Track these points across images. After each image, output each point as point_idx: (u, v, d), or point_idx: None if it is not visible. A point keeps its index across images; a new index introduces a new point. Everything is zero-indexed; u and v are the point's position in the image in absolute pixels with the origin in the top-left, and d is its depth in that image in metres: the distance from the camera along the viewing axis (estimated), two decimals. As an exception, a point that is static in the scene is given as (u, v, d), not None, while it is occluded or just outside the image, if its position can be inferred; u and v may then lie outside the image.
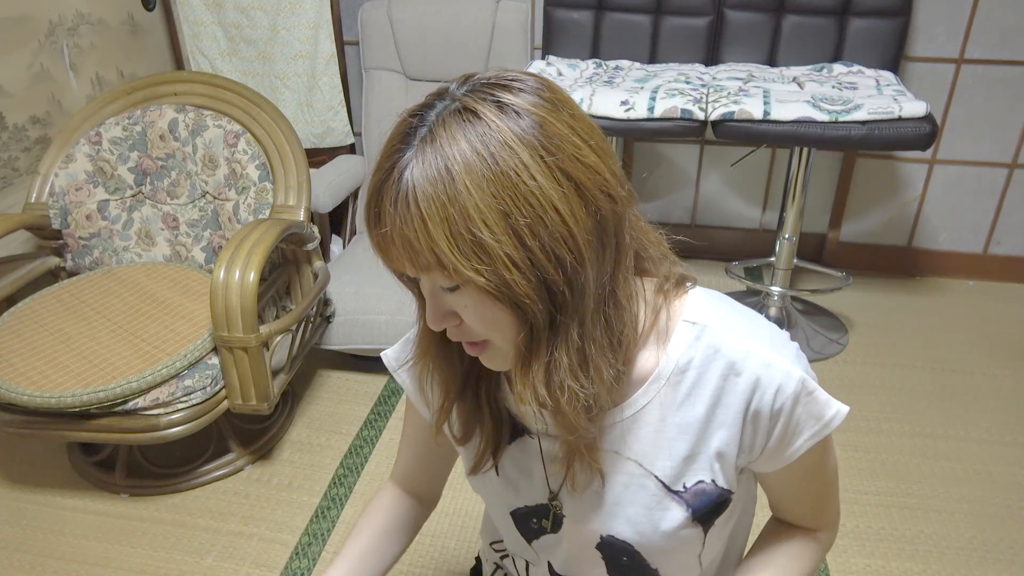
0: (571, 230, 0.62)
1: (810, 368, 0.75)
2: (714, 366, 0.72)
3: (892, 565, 1.62)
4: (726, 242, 2.82)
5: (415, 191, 0.60)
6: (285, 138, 2.00)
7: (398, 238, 0.62)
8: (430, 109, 0.63)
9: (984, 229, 2.62)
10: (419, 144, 0.61)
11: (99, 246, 2.05)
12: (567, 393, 0.67)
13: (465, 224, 0.59)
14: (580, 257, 0.63)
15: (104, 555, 1.67)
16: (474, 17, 2.42)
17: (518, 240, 0.60)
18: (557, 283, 0.63)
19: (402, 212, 0.61)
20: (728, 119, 1.92)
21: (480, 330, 0.67)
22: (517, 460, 0.83)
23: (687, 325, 0.74)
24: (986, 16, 2.31)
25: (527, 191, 0.60)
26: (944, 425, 2.00)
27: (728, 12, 2.34)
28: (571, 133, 0.63)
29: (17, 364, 1.67)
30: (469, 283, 0.62)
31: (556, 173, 0.61)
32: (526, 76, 0.65)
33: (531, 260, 0.61)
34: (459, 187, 0.59)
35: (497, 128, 0.60)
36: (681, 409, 0.74)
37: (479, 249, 0.60)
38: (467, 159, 0.59)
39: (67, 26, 2.21)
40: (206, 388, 1.69)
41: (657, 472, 0.76)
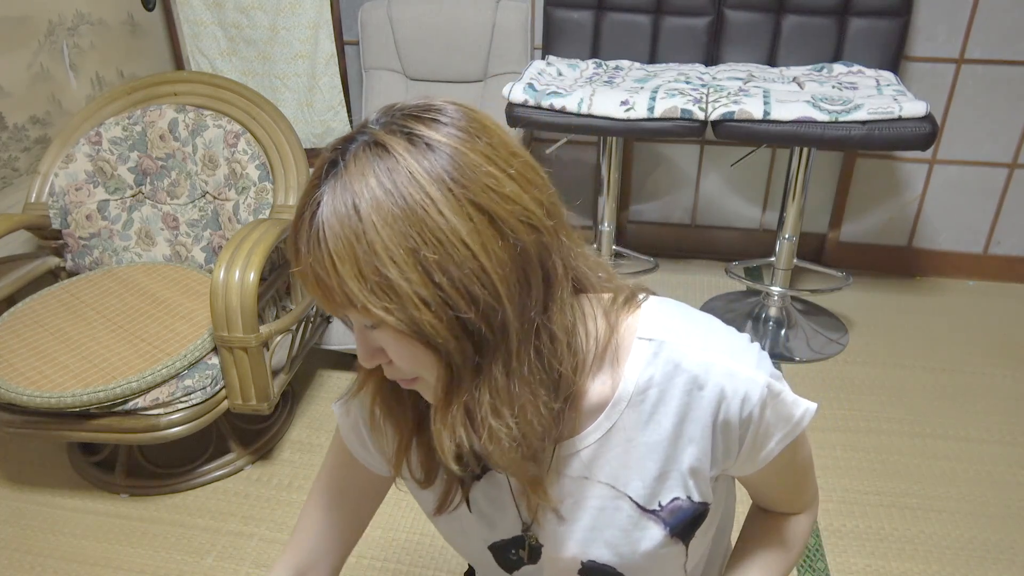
0: (483, 265, 0.59)
1: (773, 367, 0.74)
2: (676, 382, 0.71)
3: (892, 565, 1.62)
4: (726, 242, 2.82)
5: (324, 229, 0.59)
6: (285, 138, 2.00)
7: (312, 276, 0.61)
8: (350, 143, 0.61)
9: (984, 229, 2.62)
10: (332, 180, 0.60)
11: (99, 246, 2.05)
12: (488, 433, 0.65)
13: (372, 262, 0.58)
14: (495, 293, 0.60)
15: (104, 555, 1.67)
16: (474, 17, 2.42)
17: (428, 277, 0.58)
18: (472, 321, 0.60)
19: (314, 250, 0.60)
20: (728, 119, 1.92)
21: (405, 368, 0.66)
22: (488, 494, 0.81)
23: (643, 343, 0.71)
24: (986, 16, 2.31)
25: (435, 226, 0.58)
26: (944, 425, 2.00)
27: (728, 12, 2.34)
28: (486, 163, 0.61)
29: (17, 364, 1.67)
30: (382, 322, 0.60)
31: (466, 206, 0.59)
32: (447, 106, 0.63)
33: (442, 298, 0.59)
34: (366, 224, 0.58)
35: (405, 162, 0.59)
36: (647, 429, 0.72)
37: (388, 288, 0.58)
38: (374, 195, 0.58)
39: (67, 26, 2.21)
40: (206, 388, 1.69)
41: (631, 493, 0.75)
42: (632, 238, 2.86)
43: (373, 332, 0.64)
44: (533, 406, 0.65)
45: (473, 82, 2.51)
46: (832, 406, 2.08)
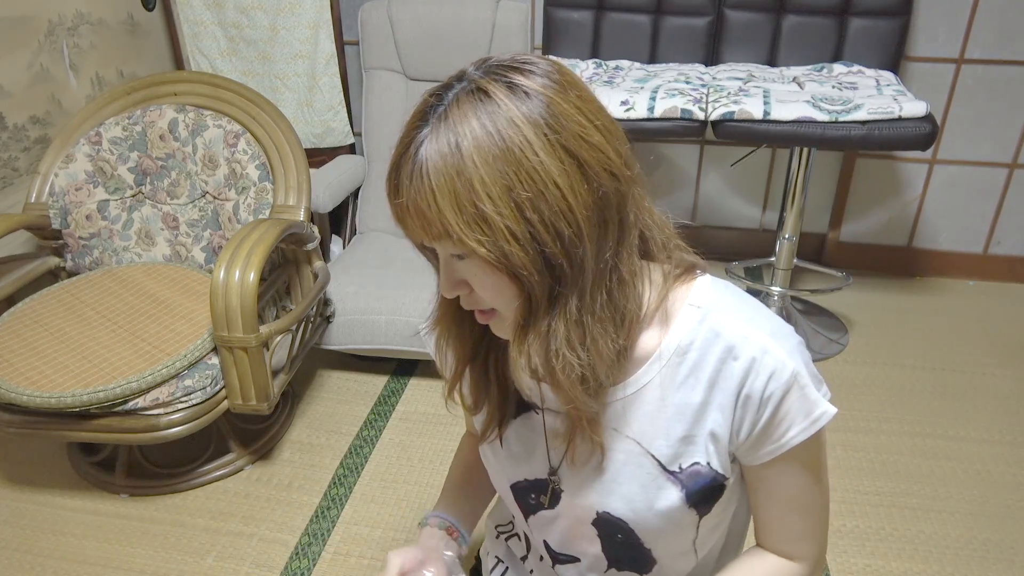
0: (570, 204, 0.65)
1: (811, 365, 0.75)
2: (714, 349, 0.74)
3: (892, 565, 1.62)
4: (726, 242, 2.82)
5: (427, 164, 0.64)
6: (285, 138, 2.00)
7: (412, 209, 0.66)
8: (448, 90, 0.67)
9: (984, 229, 2.62)
10: (434, 121, 0.65)
11: (99, 246, 2.05)
12: (562, 363, 0.69)
13: (470, 196, 0.63)
14: (579, 231, 0.65)
15: (104, 555, 1.67)
16: (474, 17, 2.42)
17: (519, 213, 0.63)
18: (556, 255, 0.65)
19: (416, 184, 0.65)
20: (728, 119, 1.92)
21: (487, 298, 0.70)
22: (521, 434, 0.86)
23: (691, 308, 0.75)
24: (986, 16, 2.31)
25: (530, 166, 0.63)
26: (944, 425, 2.00)
27: (728, 12, 2.34)
28: (577, 113, 0.66)
29: (17, 364, 1.67)
30: (473, 253, 0.65)
31: (559, 150, 0.64)
32: (539, 59, 0.68)
33: (531, 233, 0.64)
34: (466, 161, 0.62)
35: (506, 107, 0.64)
36: (680, 390, 0.76)
37: (482, 221, 0.63)
38: (476, 135, 0.63)
39: (67, 26, 2.21)
40: (206, 388, 1.69)
41: (655, 452, 0.78)
42: (632, 238, 2.86)
43: (461, 263, 0.69)
44: (603, 340, 0.70)
45: (473, 82, 2.51)
46: (832, 406, 2.08)
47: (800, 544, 0.83)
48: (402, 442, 1.99)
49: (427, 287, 2.32)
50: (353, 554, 1.66)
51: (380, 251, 2.38)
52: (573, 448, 0.80)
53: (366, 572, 1.62)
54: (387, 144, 2.54)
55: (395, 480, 1.86)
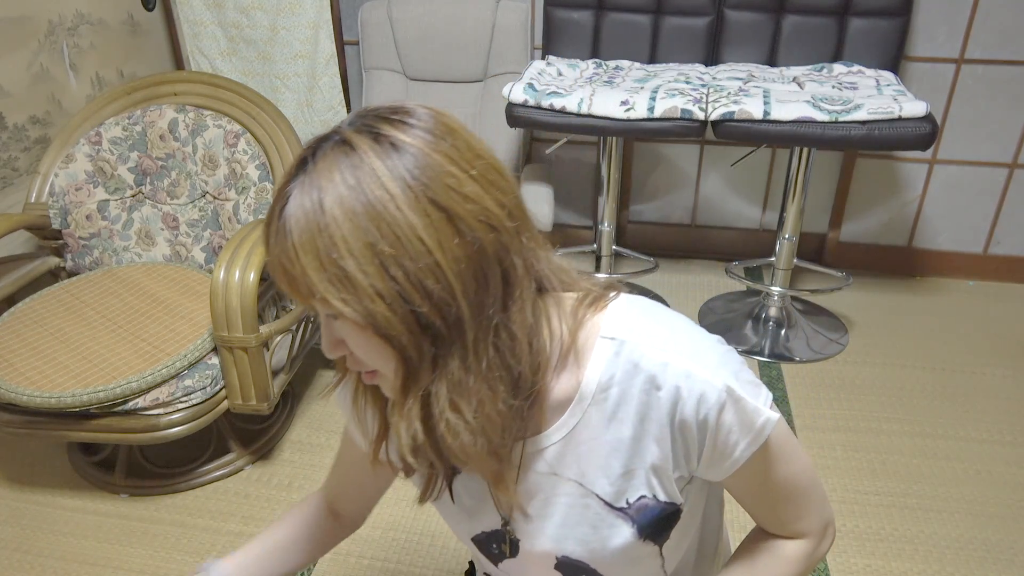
0: (438, 260, 0.61)
1: (745, 371, 0.73)
2: (635, 381, 0.71)
3: (892, 565, 1.62)
4: (726, 242, 2.82)
5: (290, 221, 0.61)
6: (285, 138, 2.00)
7: (278, 267, 0.64)
8: (321, 143, 0.64)
9: (984, 229, 2.62)
10: (302, 176, 0.62)
11: (99, 246, 2.05)
12: (446, 427, 0.66)
13: (332, 254, 0.60)
14: (449, 288, 0.62)
15: (104, 555, 1.67)
16: (474, 17, 2.42)
17: (384, 271, 0.60)
18: (428, 315, 0.62)
19: (280, 242, 0.63)
20: (728, 119, 1.92)
21: (364, 360, 0.67)
22: (469, 487, 0.83)
23: (605, 342, 0.72)
24: (986, 16, 2.31)
25: (392, 221, 0.60)
26: (944, 425, 2.00)
27: (728, 12, 2.34)
28: (448, 163, 0.63)
29: (17, 364, 1.67)
30: (340, 313, 0.62)
31: (425, 204, 0.61)
32: (416, 108, 0.66)
33: (397, 291, 0.61)
34: (328, 218, 0.60)
35: (369, 160, 0.61)
36: (610, 427, 0.73)
37: (345, 279, 0.61)
38: (338, 191, 0.60)
39: (67, 26, 2.21)
40: (206, 388, 1.69)
41: (598, 491, 0.76)
42: (632, 238, 2.86)
43: (335, 323, 0.66)
44: (492, 402, 0.66)
45: (473, 82, 2.51)
46: (832, 406, 2.08)
47: (799, 524, 0.82)
48: (402, 442, 1.98)
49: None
50: (353, 554, 1.66)
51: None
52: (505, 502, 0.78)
53: (366, 572, 1.62)
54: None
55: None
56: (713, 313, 2.48)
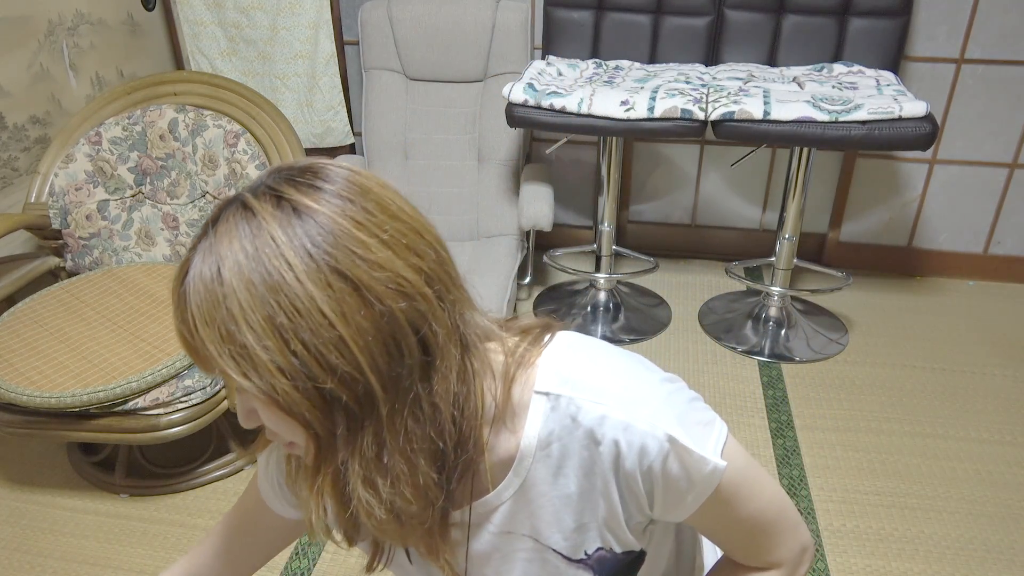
0: (341, 334, 0.57)
1: (690, 411, 0.69)
2: (575, 436, 0.68)
3: (892, 565, 1.62)
4: (726, 242, 2.82)
5: (190, 292, 0.59)
6: (285, 138, 2.00)
7: (180, 336, 0.61)
8: (228, 206, 0.61)
9: (984, 229, 2.62)
10: (204, 243, 0.59)
11: (99, 246, 2.05)
12: (359, 503, 0.62)
13: (231, 327, 0.57)
14: (355, 362, 0.58)
15: (104, 555, 1.67)
16: (474, 17, 2.42)
17: (285, 345, 0.57)
18: (332, 391, 0.58)
19: (181, 311, 0.60)
20: (728, 119, 1.92)
21: (281, 432, 0.63)
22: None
23: (540, 397, 0.69)
24: (986, 16, 2.31)
25: (291, 293, 0.56)
26: (944, 425, 2.00)
27: (728, 12, 2.34)
28: (356, 228, 0.58)
29: (17, 364, 1.67)
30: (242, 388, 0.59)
31: (326, 274, 0.57)
32: (328, 169, 0.62)
33: (299, 367, 0.57)
34: (227, 289, 0.57)
35: (268, 227, 0.57)
36: (557, 483, 0.71)
37: (245, 354, 0.57)
38: (236, 260, 0.57)
39: (67, 26, 2.21)
40: (206, 388, 1.69)
41: (554, 546, 0.73)
42: (632, 238, 2.86)
43: (243, 395, 0.63)
44: (410, 478, 0.62)
45: (473, 82, 2.51)
46: (832, 406, 2.08)
47: (770, 555, 0.77)
48: (402, 442, 1.98)
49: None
50: (353, 554, 1.66)
51: (380, 251, 2.38)
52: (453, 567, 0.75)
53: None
54: (387, 144, 2.54)
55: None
56: (713, 313, 2.48)
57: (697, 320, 2.44)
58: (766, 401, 2.10)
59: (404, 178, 2.52)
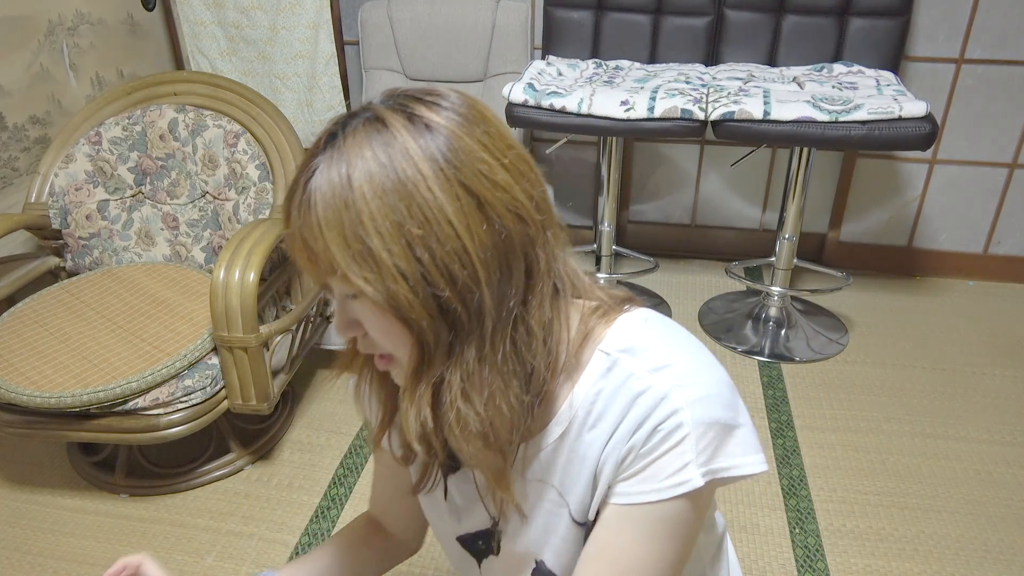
0: (465, 246, 0.60)
1: (721, 419, 0.67)
2: (617, 400, 0.69)
3: (892, 565, 1.62)
4: (726, 242, 2.82)
5: (316, 195, 0.60)
6: (285, 138, 2.00)
7: (299, 241, 0.63)
8: (351, 119, 0.63)
9: (984, 229, 2.62)
10: (329, 150, 0.61)
11: (99, 246, 2.05)
12: (456, 416, 0.64)
13: (357, 231, 0.59)
14: (474, 275, 0.61)
15: (104, 555, 1.67)
16: (474, 17, 2.42)
17: (410, 251, 0.59)
18: (450, 300, 0.61)
19: (304, 215, 0.61)
20: (728, 119, 1.92)
21: (381, 342, 0.66)
22: (461, 488, 0.82)
23: (601, 356, 0.70)
24: (986, 16, 2.31)
25: (422, 202, 0.59)
26: (944, 425, 2.00)
27: (728, 12, 2.34)
28: (481, 149, 0.62)
29: (17, 364, 1.67)
30: (361, 292, 0.61)
31: (456, 187, 0.60)
32: (449, 93, 0.65)
33: (421, 274, 0.60)
34: (356, 194, 0.59)
35: (402, 138, 0.60)
36: (587, 440, 0.72)
37: (370, 258, 0.59)
38: (368, 167, 0.59)
39: (67, 26, 2.21)
40: (206, 388, 1.69)
41: (570, 502, 0.75)
42: (632, 238, 2.86)
43: (352, 302, 0.65)
44: (504, 395, 0.65)
45: (473, 82, 2.51)
46: (832, 406, 2.08)
47: None
48: (402, 442, 1.98)
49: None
50: (353, 554, 1.66)
51: (380, 251, 2.38)
52: (498, 502, 0.77)
53: (366, 572, 1.62)
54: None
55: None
56: (713, 313, 2.48)
57: (697, 320, 2.44)
58: (766, 401, 2.10)
59: (404, 178, 2.52)
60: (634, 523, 0.69)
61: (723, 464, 0.67)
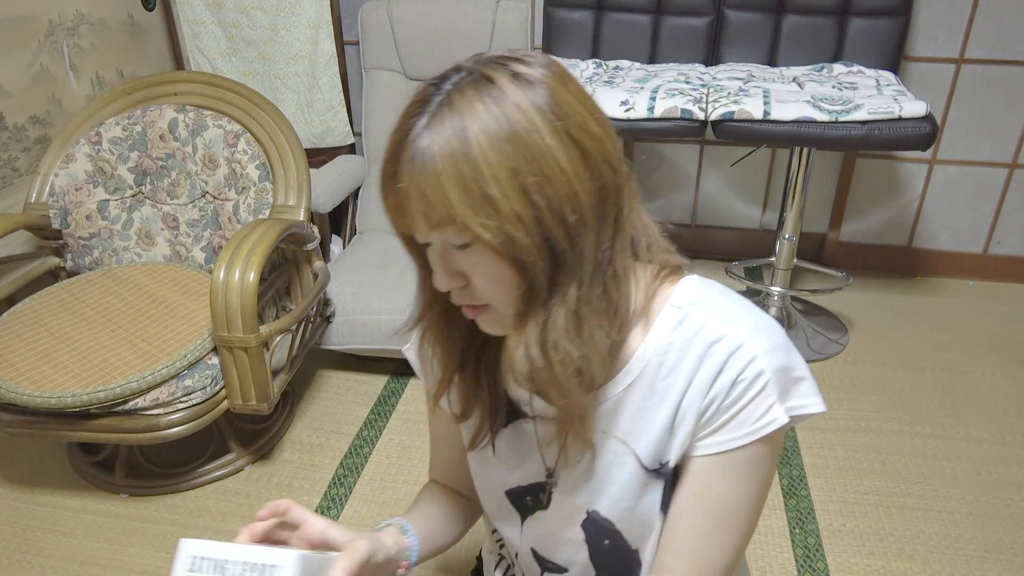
0: (575, 191, 0.65)
1: (797, 368, 0.74)
2: (691, 350, 0.74)
3: (892, 565, 1.62)
4: (726, 242, 2.82)
5: (432, 148, 0.63)
6: (285, 138, 2.00)
7: (415, 193, 0.65)
8: (446, 80, 0.66)
9: (984, 229, 2.62)
10: (436, 107, 0.64)
11: (99, 246, 2.05)
12: (560, 354, 0.69)
13: (476, 179, 0.62)
14: (583, 218, 0.66)
15: (104, 555, 1.67)
16: (474, 17, 2.42)
17: (526, 197, 0.63)
18: (559, 242, 0.65)
19: (420, 168, 0.64)
20: (728, 119, 1.92)
21: (484, 290, 0.69)
22: (512, 443, 0.86)
23: (672, 309, 0.76)
24: (986, 16, 2.31)
25: (536, 150, 0.63)
26: (944, 425, 2.00)
27: (728, 12, 2.34)
28: (577, 103, 0.66)
29: (17, 364, 1.67)
30: (477, 239, 0.64)
31: (563, 137, 0.64)
32: (535, 52, 0.69)
33: (536, 218, 0.64)
34: (472, 144, 0.62)
35: (511, 93, 0.64)
36: (659, 390, 0.76)
37: (488, 204, 0.63)
38: (481, 119, 0.63)
39: (67, 26, 2.21)
40: (206, 388, 1.69)
41: (638, 451, 0.78)
42: (632, 238, 2.86)
43: (460, 253, 0.68)
44: (600, 332, 0.70)
45: (473, 82, 2.51)
46: (832, 406, 2.08)
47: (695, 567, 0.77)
48: (402, 442, 1.99)
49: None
50: (353, 554, 1.66)
51: (380, 251, 2.38)
52: (566, 449, 0.80)
53: (366, 572, 1.62)
54: (387, 144, 2.54)
55: (395, 480, 1.86)
56: (713, 313, 2.48)
57: (697, 320, 2.44)
58: (766, 401, 2.10)
59: (404, 178, 2.52)
60: (726, 469, 0.75)
61: (798, 403, 0.74)
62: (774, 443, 0.75)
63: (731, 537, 0.76)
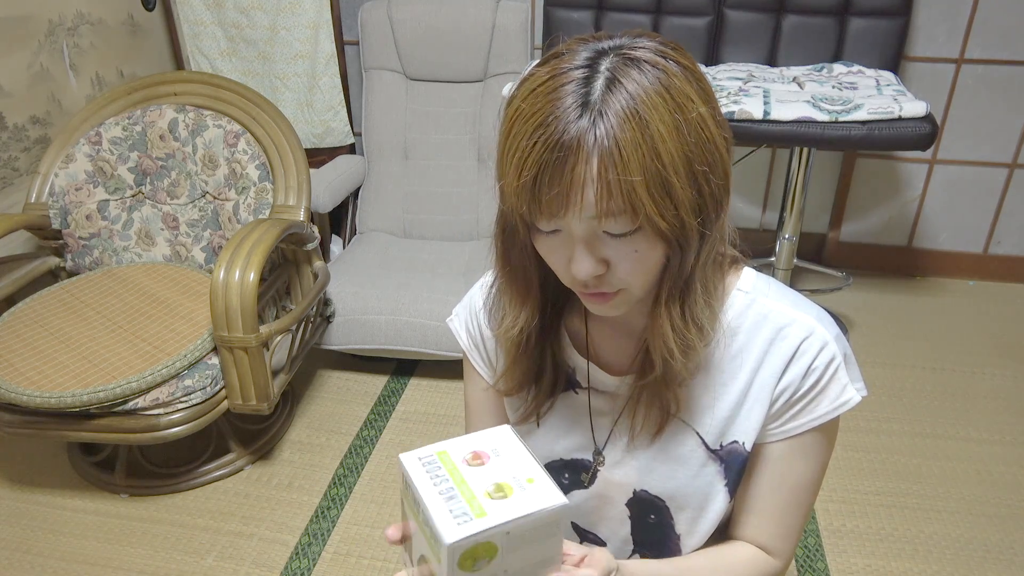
0: (729, 179, 0.68)
1: (851, 356, 0.78)
2: (762, 332, 0.77)
3: (892, 565, 1.62)
4: (726, 242, 2.82)
5: (614, 137, 0.61)
6: (285, 138, 2.00)
7: (596, 182, 0.62)
8: (589, 68, 0.63)
9: (984, 229, 2.62)
10: (602, 95, 0.62)
11: (99, 246, 2.05)
12: (696, 328, 0.71)
13: (659, 168, 0.62)
14: (727, 199, 0.68)
15: (104, 555, 1.67)
16: (474, 17, 2.42)
17: (695, 185, 0.64)
18: (711, 224, 0.67)
19: (602, 156, 0.61)
20: (728, 119, 1.92)
21: (627, 276, 0.69)
22: (561, 413, 0.86)
23: (740, 293, 0.78)
24: (986, 16, 2.31)
25: (706, 139, 0.64)
26: (944, 425, 2.00)
27: (728, 12, 2.34)
28: (712, 92, 0.68)
29: (17, 364, 1.67)
30: (646, 226, 0.64)
31: (720, 126, 0.66)
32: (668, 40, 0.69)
33: (700, 204, 0.65)
34: (653, 132, 0.62)
35: (680, 84, 0.63)
36: (727, 371, 0.78)
37: (668, 193, 0.63)
38: (656, 106, 0.62)
39: (67, 26, 2.21)
40: (206, 388, 1.69)
41: (699, 429, 0.80)
42: (632, 238, 2.86)
43: (614, 240, 0.66)
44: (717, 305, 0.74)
45: (473, 82, 2.51)
46: (832, 406, 2.08)
47: (785, 541, 0.83)
48: (402, 442, 1.99)
49: (427, 287, 2.30)
50: (353, 554, 1.66)
51: (380, 251, 2.38)
52: (633, 421, 0.81)
53: (366, 572, 1.62)
54: (387, 144, 2.54)
55: (395, 480, 1.86)
56: (713, 313, 2.48)
57: (697, 320, 2.44)
58: (766, 401, 2.10)
59: (404, 178, 2.52)
60: (803, 448, 0.79)
61: (860, 384, 0.78)
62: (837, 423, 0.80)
63: (808, 503, 0.82)
